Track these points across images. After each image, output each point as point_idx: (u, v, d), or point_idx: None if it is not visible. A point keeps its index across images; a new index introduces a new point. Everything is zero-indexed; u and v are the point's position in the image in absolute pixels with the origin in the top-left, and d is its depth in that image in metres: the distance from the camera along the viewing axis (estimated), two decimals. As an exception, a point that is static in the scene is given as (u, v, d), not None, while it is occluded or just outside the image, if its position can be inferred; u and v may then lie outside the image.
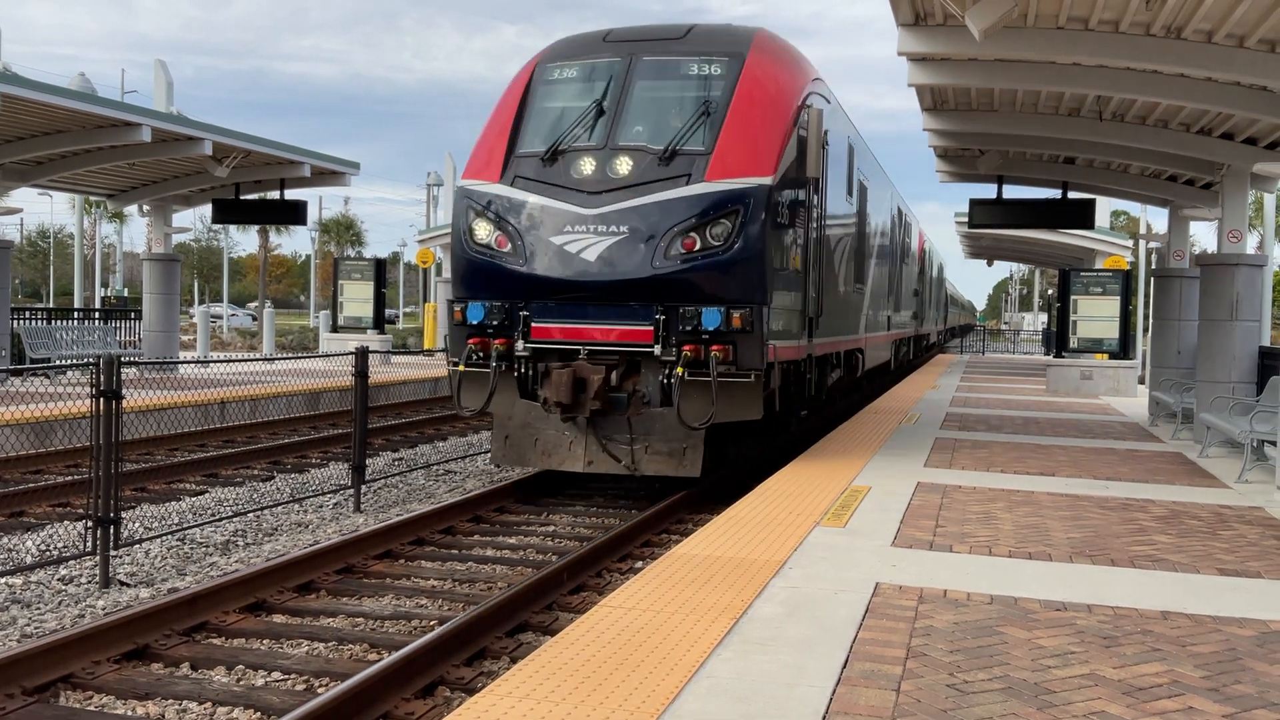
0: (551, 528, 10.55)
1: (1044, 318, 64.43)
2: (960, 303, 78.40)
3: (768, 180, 10.56)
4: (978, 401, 19.85)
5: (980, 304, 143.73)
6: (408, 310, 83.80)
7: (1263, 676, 4.96)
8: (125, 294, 48.36)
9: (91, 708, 5.73)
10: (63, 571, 8.33)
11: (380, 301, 28.92)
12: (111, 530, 8.11)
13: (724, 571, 6.61)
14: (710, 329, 10.26)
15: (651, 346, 10.42)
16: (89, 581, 8.18)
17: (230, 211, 24.14)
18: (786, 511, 8.56)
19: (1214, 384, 13.80)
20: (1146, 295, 25.54)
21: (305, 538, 9.90)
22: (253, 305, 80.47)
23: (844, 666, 4.91)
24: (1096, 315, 23.89)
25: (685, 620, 5.58)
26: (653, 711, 4.32)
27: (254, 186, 24.14)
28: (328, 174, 24.25)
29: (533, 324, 10.76)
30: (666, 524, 10.45)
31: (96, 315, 27.94)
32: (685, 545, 7.35)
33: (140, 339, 24.29)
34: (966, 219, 21.70)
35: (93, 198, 35.87)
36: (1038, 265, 65.52)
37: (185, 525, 9.61)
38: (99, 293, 58.00)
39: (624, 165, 10.68)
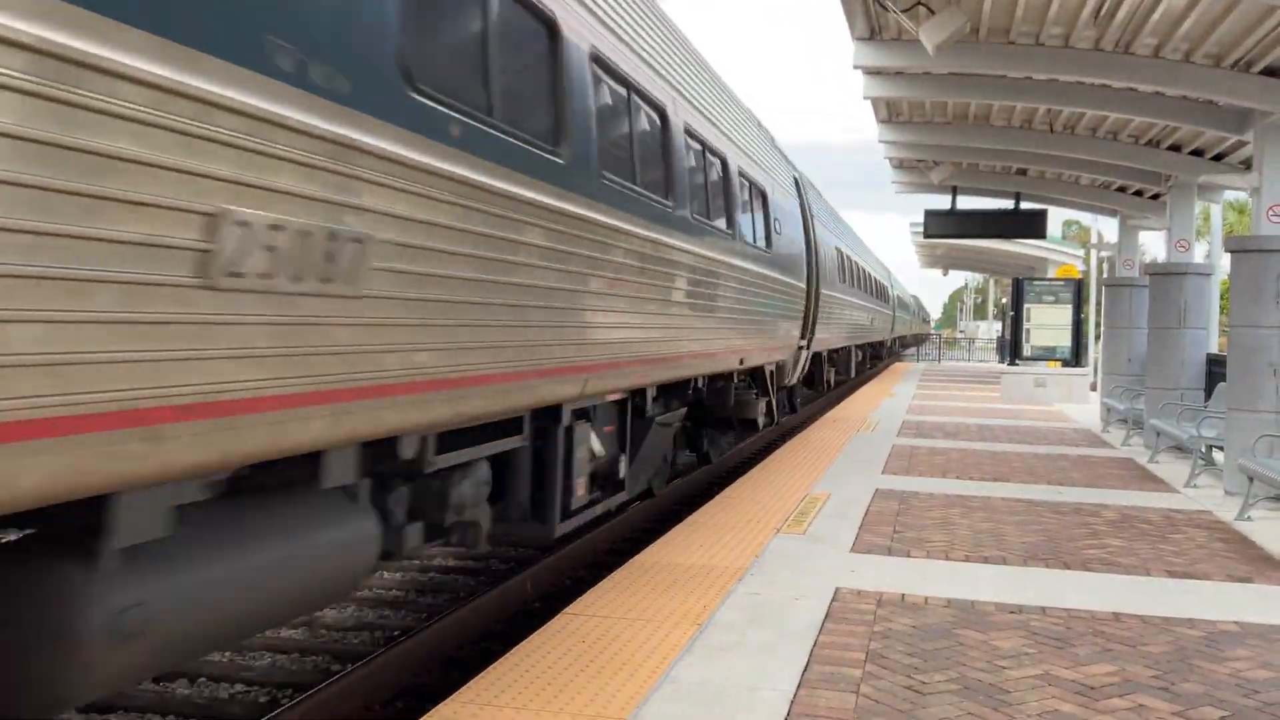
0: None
1: (998, 326, 65.25)
2: (917, 312, 79.16)
3: None
4: (934, 409, 20.08)
5: (936, 313, 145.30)
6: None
7: (1210, 675, 5.10)
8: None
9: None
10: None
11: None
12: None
13: (686, 578, 6.67)
14: None
15: None
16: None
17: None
18: (747, 519, 8.65)
19: (1163, 390, 14.09)
20: (1098, 303, 25.97)
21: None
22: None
23: (805, 670, 4.99)
24: (1049, 323, 24.28)
25: (648, 626, 5.64)
26: (616, 717, 4.37)
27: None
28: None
29: None
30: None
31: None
32: (647, 553, 7.41)
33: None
34: (922, 229, 22.01)
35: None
36: (992, 274, 66.39)
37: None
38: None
39: None
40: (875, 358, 38.15)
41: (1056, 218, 29.51)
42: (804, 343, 15.46)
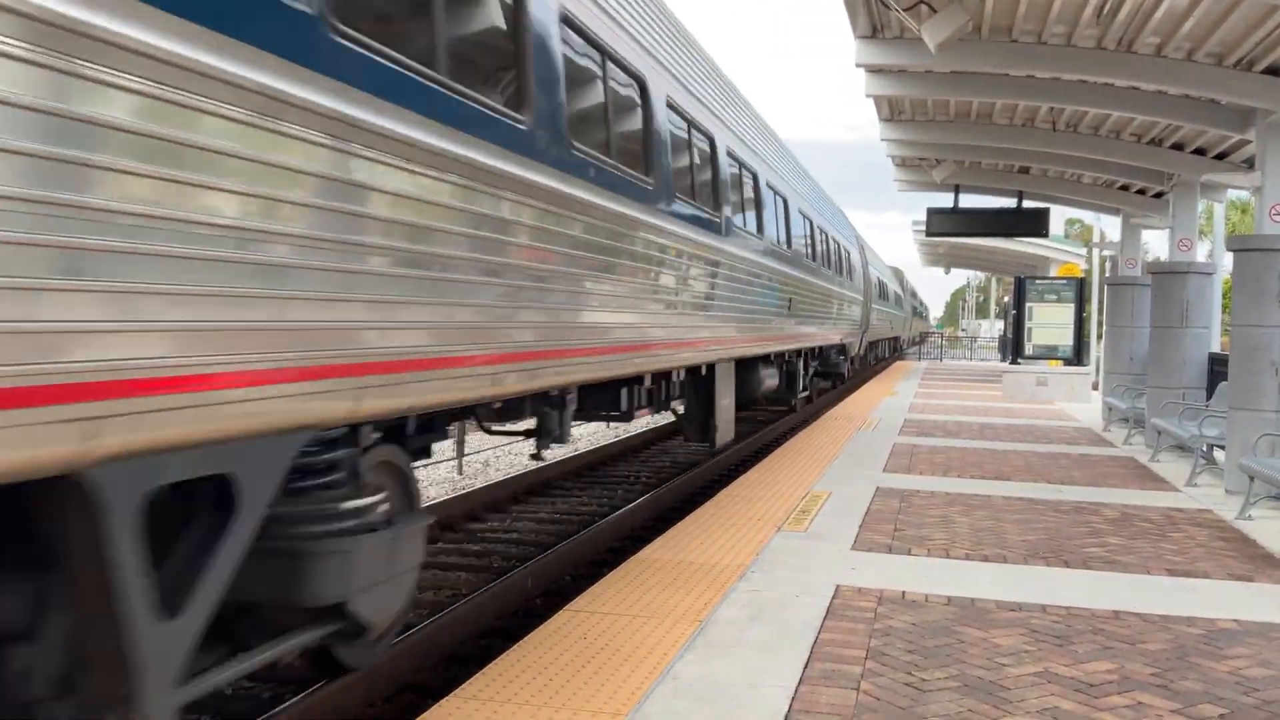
0: (515, 534, 10.57)
1: (1000, 325, 65.20)
2: (918, 310, 79.19)
3: None
4: (935, 408, 20.08)
5: (937, 311, 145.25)
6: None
7: (1210, 673, 5.11)
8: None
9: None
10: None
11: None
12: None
13: (688, 575, 6.69)
14: None
15: None
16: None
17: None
18: (748, 516, 8.67)
19: (1165, 389, 14.08)
20: (1100, 302, 25.95)
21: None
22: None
23: (805, 667, 5.00)
24: (1051, 322, 24.25)
25: (649, 623, 5.65)
26: (617, 713, 4.39)
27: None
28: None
29: None
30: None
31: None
32: (649, 550, 7.43)
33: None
34: (924, 227, 21.99)
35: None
36: (994, 273, 66.35)
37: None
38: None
39: None
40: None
41: (1059, 216, 29.45)
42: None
